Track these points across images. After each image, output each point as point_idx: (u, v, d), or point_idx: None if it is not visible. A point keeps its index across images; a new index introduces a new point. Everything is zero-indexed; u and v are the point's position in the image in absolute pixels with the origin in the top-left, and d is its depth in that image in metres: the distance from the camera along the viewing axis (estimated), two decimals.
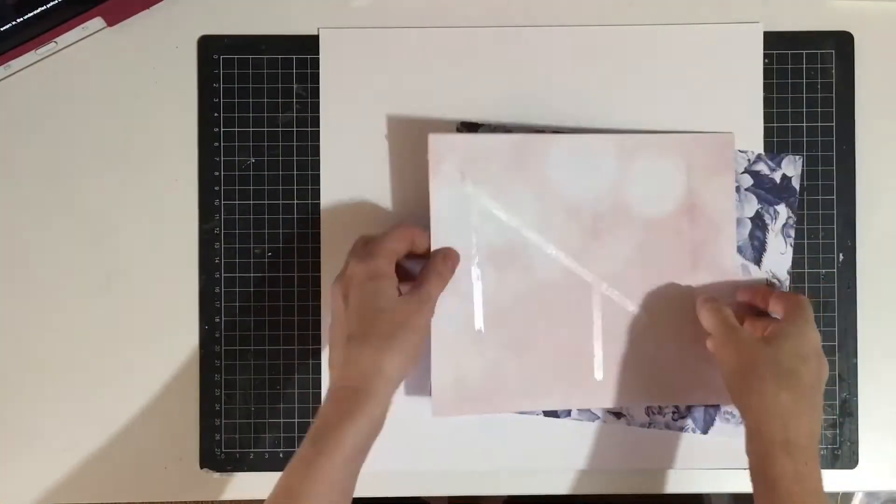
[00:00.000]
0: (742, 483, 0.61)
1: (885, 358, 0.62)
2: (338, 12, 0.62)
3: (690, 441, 0.61)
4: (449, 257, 0.58)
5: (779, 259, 0.61)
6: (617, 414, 0.61)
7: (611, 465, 0.61)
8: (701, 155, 0.59)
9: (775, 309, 0.58)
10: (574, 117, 0.61)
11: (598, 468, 0.61)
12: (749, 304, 0.59)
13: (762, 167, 0.61)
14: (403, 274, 0.57)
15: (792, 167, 0.61)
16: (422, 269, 0.57)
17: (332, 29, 0.62)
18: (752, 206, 0.61)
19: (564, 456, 0.61)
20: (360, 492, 0.61)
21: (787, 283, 0.61)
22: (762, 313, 0.59)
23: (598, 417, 0.61)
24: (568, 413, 0.61)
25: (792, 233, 0.61)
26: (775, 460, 0.51)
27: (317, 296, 0.61)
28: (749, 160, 0.61)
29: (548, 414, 0.61)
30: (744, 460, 0.61)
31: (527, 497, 0.64)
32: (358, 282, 0.54)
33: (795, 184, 0.61)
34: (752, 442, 0.53)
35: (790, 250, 0.61)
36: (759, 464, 0.52)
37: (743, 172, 0.61)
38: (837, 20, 0.62)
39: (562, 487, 0.62)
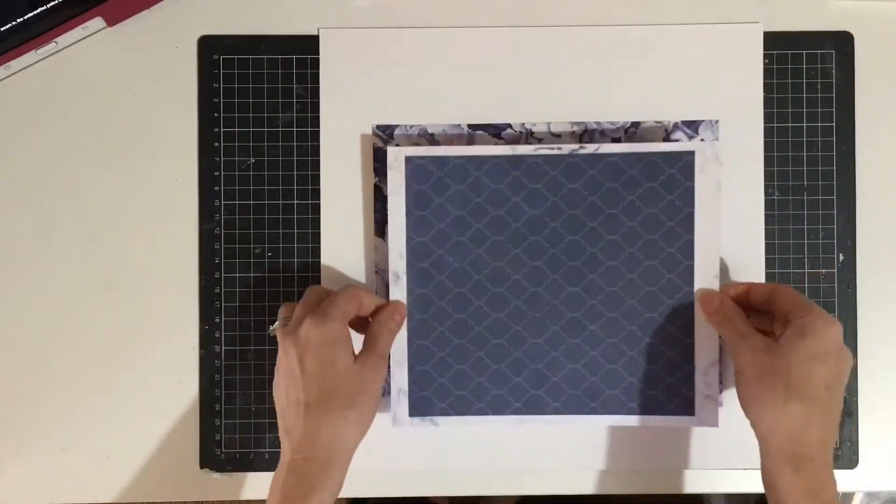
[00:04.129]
0: (742, 483, 0.61)
1: (886, 358, 0.62)
2: (338, 12, 0.62)
3: (691, 441, 0.61)
4: (397, 311, 0.58)
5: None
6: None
7: (611, 465, 0.61)
8: None
9: (768, 306, 0.55)
10: (574, 117, 0.61)
11: (598, 468, 0.61)
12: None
13: (680, 136, 0.61)
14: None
15: (709, 132, 0.60)
16: (371, 327, 0.57)
17: (332, 29, 0.62)
18: None
19: (564, 456, 0.61)
20: (361, 492, 0.61)
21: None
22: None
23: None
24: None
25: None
26: (783, 476, 0.50)
27: None
28: (667, 130, 0.61)
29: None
30: (744, 460, 0.61)
31: (529, 497, 0.64)
32: (315, 346, 0.53)
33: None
34: (761, 456, 0.51)
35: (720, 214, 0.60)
36: (769, 479, 0.51)
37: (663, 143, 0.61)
38: (837, 20, 0.62)
39: (561, 488, 0.62)
